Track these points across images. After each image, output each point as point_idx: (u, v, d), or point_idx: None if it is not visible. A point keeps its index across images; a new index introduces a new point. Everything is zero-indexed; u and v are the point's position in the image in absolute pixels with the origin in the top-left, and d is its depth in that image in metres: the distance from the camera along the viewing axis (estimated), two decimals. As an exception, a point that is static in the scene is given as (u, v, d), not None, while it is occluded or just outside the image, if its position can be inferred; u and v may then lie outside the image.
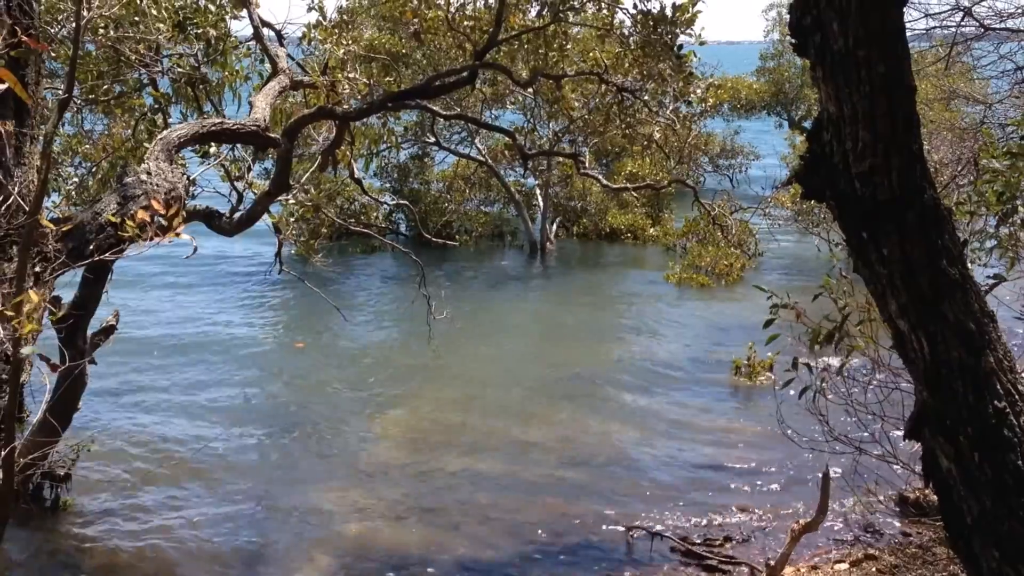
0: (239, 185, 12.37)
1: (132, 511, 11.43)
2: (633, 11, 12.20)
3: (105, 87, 11.86)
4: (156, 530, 11.02)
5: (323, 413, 14.95)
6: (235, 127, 9.26)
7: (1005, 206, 5.87)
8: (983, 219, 6.49)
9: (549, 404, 15.51)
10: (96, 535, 10.83)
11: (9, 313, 4.34)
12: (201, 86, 12.03)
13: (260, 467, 12.89)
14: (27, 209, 4.70)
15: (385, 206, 26.85)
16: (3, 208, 4.75)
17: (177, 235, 4.89)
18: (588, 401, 15.75)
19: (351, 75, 12.23)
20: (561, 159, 25.97)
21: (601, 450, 13.65)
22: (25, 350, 4.46)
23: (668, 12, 11.93)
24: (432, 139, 27.93)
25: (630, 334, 20.40)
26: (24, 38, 4.38)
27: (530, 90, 16.44)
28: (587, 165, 20.81)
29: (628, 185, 24.37)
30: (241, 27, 12.11)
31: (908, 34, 4.05)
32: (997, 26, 11.52)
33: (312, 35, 13.10)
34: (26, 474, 9.56)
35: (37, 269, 5.69)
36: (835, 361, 7.71)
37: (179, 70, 11.81)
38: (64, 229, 6.21)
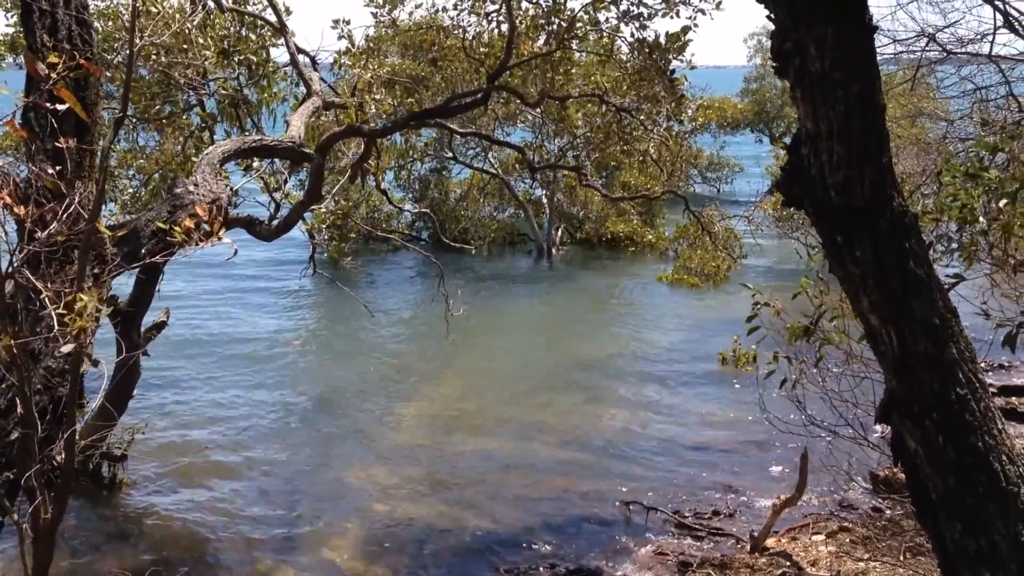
0: (276, 195, 12.38)
1: (179, 488, 11.46)
2: (631, 39, 12.20)
3: (157, 107, 11.91)
4: (200, 505, 11.04)
5: (350, 399, 14.97)
6: (273, 143, 9.26)
7: (965, 216, 5.82)
8: (945, 225, 6.44)
9: (554, 392, 15.50)
10: (148, 510, 10.86)
11: (67, 312, 4.34)
12: (243, 107, 12.06)
13: (294, 448, 12.90)
14: (86, 217, 4.70)
15: (408, 214, 26.87)
16: (65, 216, 4.75)
17: (219, 239, 4.89)
18: (590, 389, 15.72)
19: (377, 96, 12.24)
20: (565, 172, 25.92)
21: (601, 433, 13.62)
22: (66, 348, 4.44)
23: (662, 40, 11.92)
24: (450, 154, 27.94)
25: (628, 329, 20.36)
26: (84, 63, 4.37)
27: (538, 110, 16.39)
28: (589, 177, 20.76)
29: (625, 195, 24.33)
30: (279, 54, 12.12)
31: (878, 58, 4.02)
32: (958, 51, 11.47)
33: (342, 61, 13.11)
34: (86, 454, 9.62)
35: (95, 271, 5.70)
36: (811, 354, 7.67)
37: (223, 92, 11.85)
38: (120, 235, 6.22)
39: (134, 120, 12.21)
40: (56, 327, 4.24)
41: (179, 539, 10.21)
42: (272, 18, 11.75)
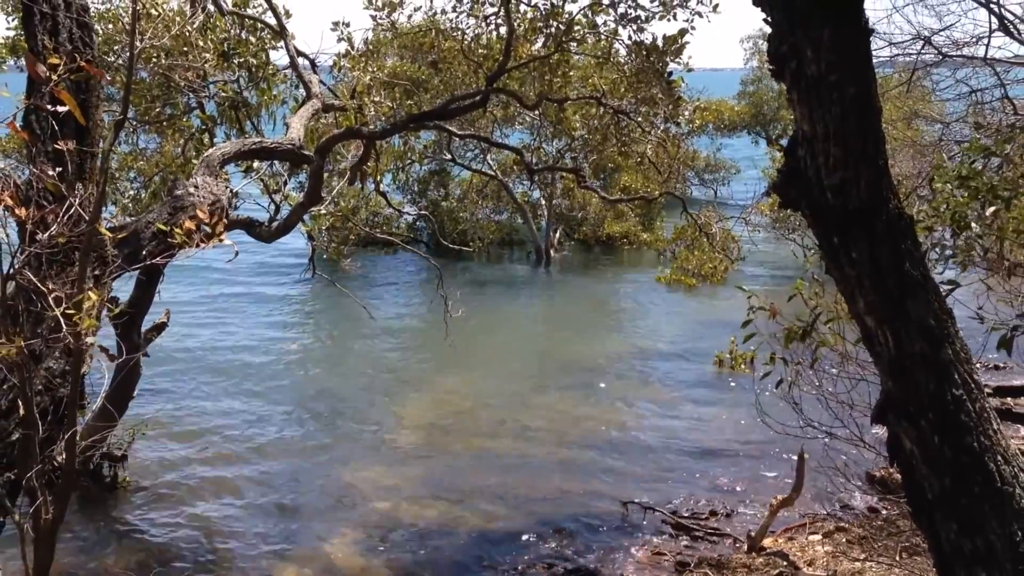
0: (276, 197, 12.37)
1: (179, 489, 11.45)
2: (628, 42, 12.18)
3: (157, 110, 11.90)
4: (200, 505, 11.04)
5: (350, 402, 14.95)
6: (273, 145, 9.24)
7: (959, 222, 5.83)
8: (940, 232, 6.44)
9: (552, 393, 15.50)
10: (148, 510, 10.85)
11: (71, 312, 4.34)
12: (243, 109, 12.05)
13: (292, 450, 12.89)
14: (87, 219, 4.70)
15: (408, 216, 26.83)
16: (66, 218, 4.75)
17: (220, 240, 4.89)
18: (587, 390, 15.72)
19: (376, 99, 12.22)
20: (563, 174, 25.92)
21: (599, 434, 13.62)
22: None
23: (659, 43, 11.89)
24: (448, 156, 27.92)
25: (625, 330, 20.37)
26: (84, 65, 4.37)
27: (536, 112, 16.38)
28: (587, 179, 20.77)
29: (623, 197, 24.31)
30: (279, 56, 12.11)
31: (873, 61, 4.02)
32: (954, 53, 11.48)
33: (342, 63, 13.09)
34: (87, 455, 9.59)
35: (96, 272, 5.69)
36: (808, 355, 7.67)
37: (223, 95, 11.83)
38: (120, 236, 6.22)
39: (134, 122, 12.21)
40: (65, 327, 4.24)
41: (179, 539, 10.20)
42: (272, 21, 11.75)
